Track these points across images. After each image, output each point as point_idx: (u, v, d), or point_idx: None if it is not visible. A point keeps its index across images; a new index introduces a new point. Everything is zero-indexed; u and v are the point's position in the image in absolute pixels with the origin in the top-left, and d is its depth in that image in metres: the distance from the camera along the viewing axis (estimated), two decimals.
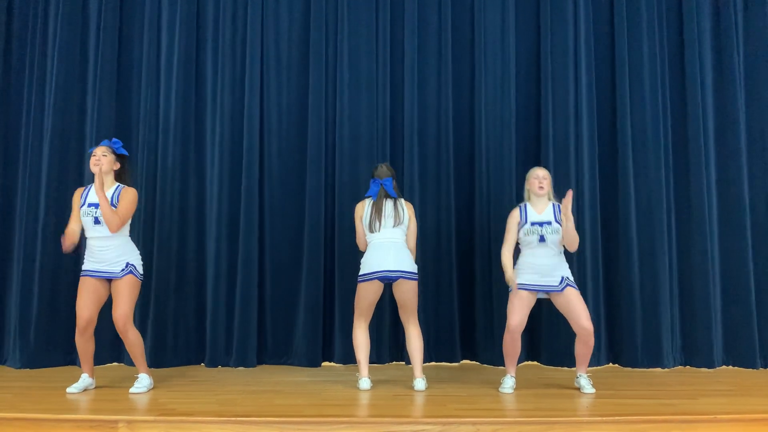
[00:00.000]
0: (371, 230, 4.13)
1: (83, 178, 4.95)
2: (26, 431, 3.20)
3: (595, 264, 5.01)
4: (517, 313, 3.96)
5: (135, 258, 3.96)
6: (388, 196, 4.18)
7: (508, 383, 4.03)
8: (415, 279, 4.07)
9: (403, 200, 4.21)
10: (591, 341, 3.99)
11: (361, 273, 4.10)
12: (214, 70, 5.12)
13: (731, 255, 5.09)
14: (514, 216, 4.10)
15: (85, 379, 3.94)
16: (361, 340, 4.13)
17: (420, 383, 4.04)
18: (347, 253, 4.93)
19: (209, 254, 4.95)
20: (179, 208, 4.96)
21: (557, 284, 3.96)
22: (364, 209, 4.20)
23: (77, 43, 5.05)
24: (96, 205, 3.88)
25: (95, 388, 4.00)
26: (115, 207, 3.89)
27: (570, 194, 3.85)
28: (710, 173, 5.16)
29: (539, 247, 3.99)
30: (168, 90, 5.03)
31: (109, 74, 5.02)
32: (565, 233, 3.92)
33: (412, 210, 4.22)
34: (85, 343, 3.92)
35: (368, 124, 5.10)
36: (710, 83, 5.25)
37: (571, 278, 4.02)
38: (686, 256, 5.09)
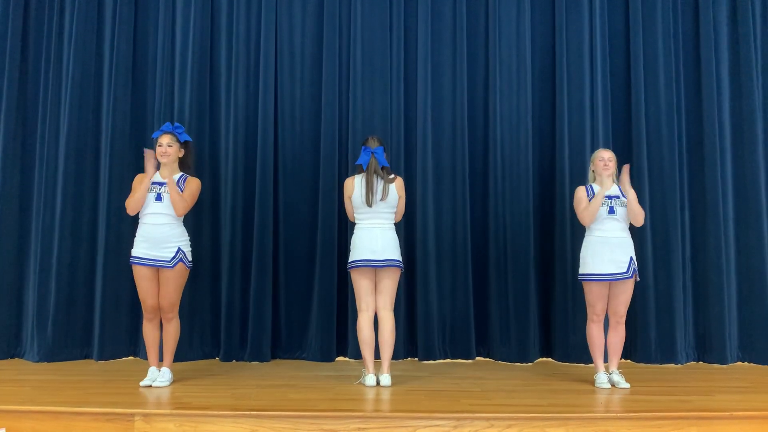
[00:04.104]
0: (360, 208, 4.09)
1: (99, 173, 4.98)
2: (44, 423, 3.24)
3: None
4: (598, 301, 4.08)
5: (185, 243, 4.03)
6: (377, 168, 4.11)
7: (603, 378, 4.05)
8: (400, 267, 4.08)
9: (393, 175, 4.17)
10: (622, 329, 4.13)
11: (350, 259, 4.09)
12: (228, 63, 5.11)
13: (747, 251, 5.05)
14: (581, 191, 4.21)
15: (153, 372, 3.98)
16: (366, 334, 4.02)
17: (387, 379, 3.95)
18: None
19: (224, 248, 4.95)
20: None
21: (626, 270, 4.03)
22: (353, 188, 4.13)
23: (93, 38, 5.06)
24: (161, 184, 3.97)
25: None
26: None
27: (627, 168, 4.15)
28: (726, 168, 5.11)
29: (608, 221, 4.08)
30: (182, 84, 5.02)
31: (125, 69, 5.03)
32: (629, 206, 4.08)
33: (402, 185, 4.17)
34: (153, 330, 4.01)
35: (382, 117, 5.08)
36: (726, 77, 5.19)
37: (635, 261, 4.11)
38: (701, 252, 5.05)
